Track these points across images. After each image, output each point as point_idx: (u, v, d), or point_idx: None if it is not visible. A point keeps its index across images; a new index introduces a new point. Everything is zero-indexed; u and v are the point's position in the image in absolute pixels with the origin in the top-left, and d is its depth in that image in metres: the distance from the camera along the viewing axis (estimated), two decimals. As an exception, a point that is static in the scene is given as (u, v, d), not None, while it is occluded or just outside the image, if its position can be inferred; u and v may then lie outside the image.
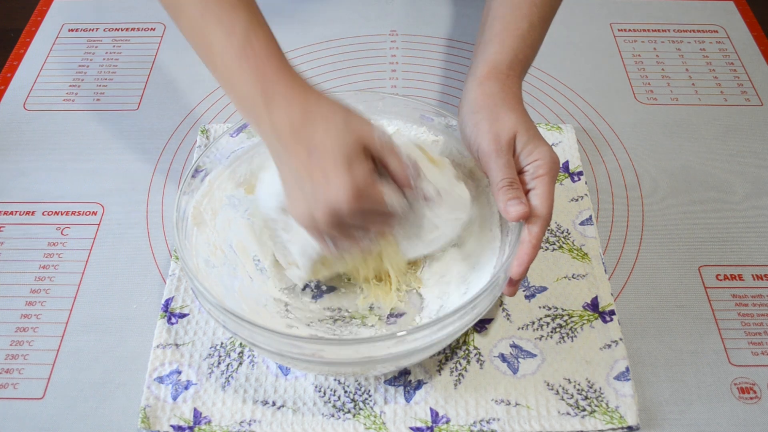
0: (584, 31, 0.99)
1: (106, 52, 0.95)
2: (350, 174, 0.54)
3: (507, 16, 0.69)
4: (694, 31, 0.99)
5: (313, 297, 0.67)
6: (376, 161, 0.57)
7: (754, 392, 0.64)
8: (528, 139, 0.62)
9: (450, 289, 0.66)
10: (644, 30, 0.99)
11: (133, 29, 0.99)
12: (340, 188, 0.53)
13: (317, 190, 0.54)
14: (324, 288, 0.68)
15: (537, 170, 0.61)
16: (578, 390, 0.62)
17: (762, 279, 0.72)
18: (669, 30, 0.99)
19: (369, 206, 0.55)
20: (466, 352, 0.65)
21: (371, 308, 0.66)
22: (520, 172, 0.61)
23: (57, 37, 0.97)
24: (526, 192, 0.61)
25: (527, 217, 0.59)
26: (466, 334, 0.66)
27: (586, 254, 0.71)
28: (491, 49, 0.68)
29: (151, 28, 0.99)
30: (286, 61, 0.58)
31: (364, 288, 0.67)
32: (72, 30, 0.99)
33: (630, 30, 0.99)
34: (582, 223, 0.74)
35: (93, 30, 0.99)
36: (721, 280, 0.72)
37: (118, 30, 0.99)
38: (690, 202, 0.78)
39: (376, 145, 0.56)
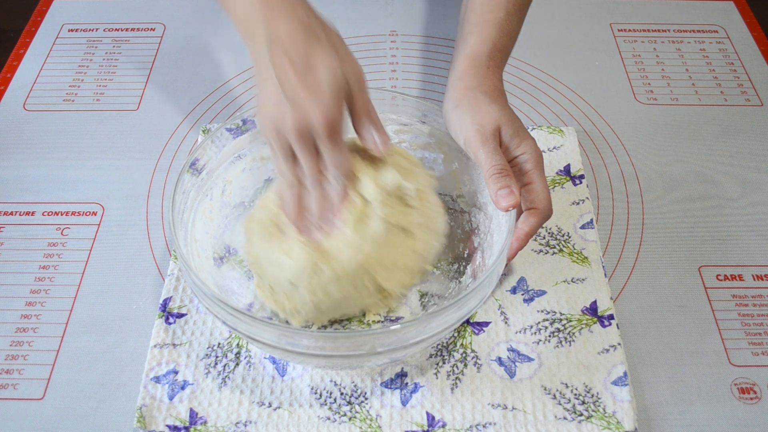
0: (584, 31, 0.99)
1: (106, 52, 0.95)
2: (336, 106, 0.55)
3: (483, 7, 0.70)
4: (694, 31, 0.99)
5: None
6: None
7: (755, 392, 0.64)
8: (513, 132, 0.63)
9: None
10: (644, 30, 0.99)
11: (133, 29, 0.99)
12: (323, 108, 0.55)
13: (301, 100, 0.55)
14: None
15: (525, 164, 0.62)
16: (575, 395, 0.62)
17: (762, 279, 0.72)
18: (669, 30, 0.99)
19: (334, 141, 0.56)
20: (464, 355, 0.65)
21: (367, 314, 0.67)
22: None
23: (57, 37, 0.97)
24: (523, 186, 0.62)
25: (517, 207, 0.60)
26: (463, 337, 0.66)
27: (586, 258, 0.71)
28: (470, 41, 0.68)
29: (151, 28, 0.99)
30: None
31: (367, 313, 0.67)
32: (72, 30, 0.99)
33: (630, 30, 0.99)
34: (583, 227, 0.74)
35: (93, 30, 0.99)
36: (721, 280, 0.72)
37: (118, 30, 0.99)
38: (690, 202, 0.78)
39: (357, 98, 0.58)
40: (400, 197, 0.63)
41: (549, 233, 0.73)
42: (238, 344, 0.65)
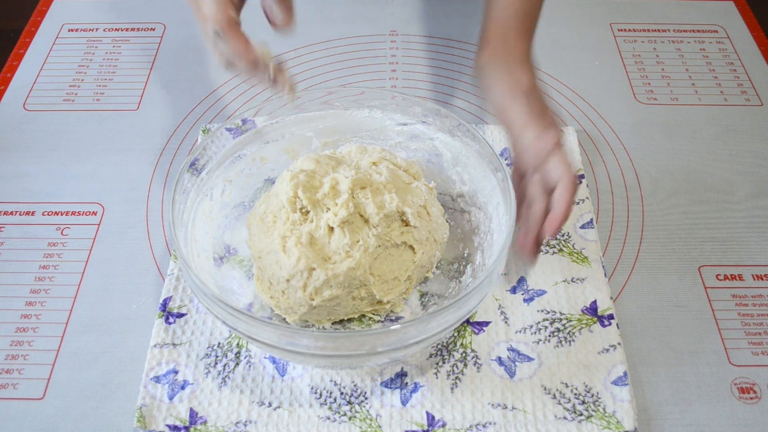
0: (584, 31, 0.99)
1: (106, 52, 0.95)
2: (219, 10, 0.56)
3: None
4: (694, 31, 0.99)
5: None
6: None
7: (754, 392, 0.64)
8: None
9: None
10: (644, 30, 0.99)
11: (133, 29, 0.99)
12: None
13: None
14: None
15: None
16: (575, 394, 0.62)
17: (762, 279, 0.72)
18: (669, 30, 0.99)
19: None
20: (464, 355, 0.65)
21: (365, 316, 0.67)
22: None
23: (57, 37, 0.97)
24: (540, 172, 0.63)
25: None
26: (463, 336, 0.66)
27: (586, 258, 0.71)
28: (498, 6, 0.69)
29: (151, 28, 0.99)
30: None
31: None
32: (72, 30, 0.99)
33: (630, 30, 0.99)
34: (583, 227, 0.74)
35: (93, 30, 0.99)
36: (721, 280, 0.72)
37: (118, 30, 0.99)
38: (690, 202, 0.78)
39: None
40: (404, 220, 0.64)
41: (549, 233, 0.73)
42: (238, 344, 0.65)
